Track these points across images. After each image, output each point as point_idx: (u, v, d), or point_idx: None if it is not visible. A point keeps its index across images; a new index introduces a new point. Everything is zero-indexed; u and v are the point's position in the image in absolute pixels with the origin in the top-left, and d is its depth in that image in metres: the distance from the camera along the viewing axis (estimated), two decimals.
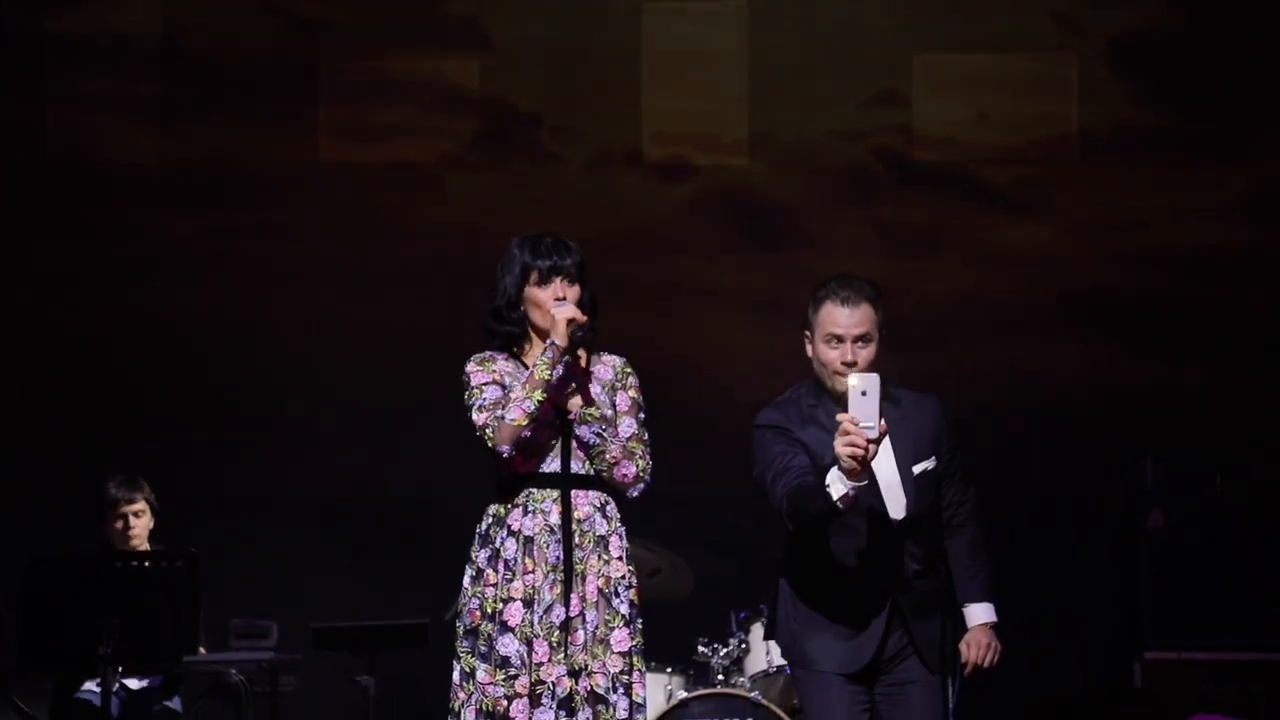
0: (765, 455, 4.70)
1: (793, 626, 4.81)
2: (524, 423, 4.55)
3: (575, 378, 4.64)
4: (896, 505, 4.70)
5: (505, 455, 4.58)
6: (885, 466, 4.68)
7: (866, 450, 4.31)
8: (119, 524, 6.60)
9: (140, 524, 6.63)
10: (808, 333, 4.75)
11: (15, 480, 7.93)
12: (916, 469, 4.73)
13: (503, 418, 4.55)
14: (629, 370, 4.76)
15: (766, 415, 4.76)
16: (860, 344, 4.68)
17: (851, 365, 4.66)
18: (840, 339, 4.69)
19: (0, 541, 6.81)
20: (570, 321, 4.58)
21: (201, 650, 6.38)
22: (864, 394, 4.32)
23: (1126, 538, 7.46)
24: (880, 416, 4.33)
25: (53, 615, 5.80)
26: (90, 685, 6.44)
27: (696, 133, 8.37)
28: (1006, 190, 8.34)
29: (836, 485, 4.38)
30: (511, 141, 8.38)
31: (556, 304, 4.63)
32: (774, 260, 8.16)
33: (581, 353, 4.70)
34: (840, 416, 4.34)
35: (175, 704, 6.64)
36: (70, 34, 8.30)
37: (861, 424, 4.31)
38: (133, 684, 6.53)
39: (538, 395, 4.56)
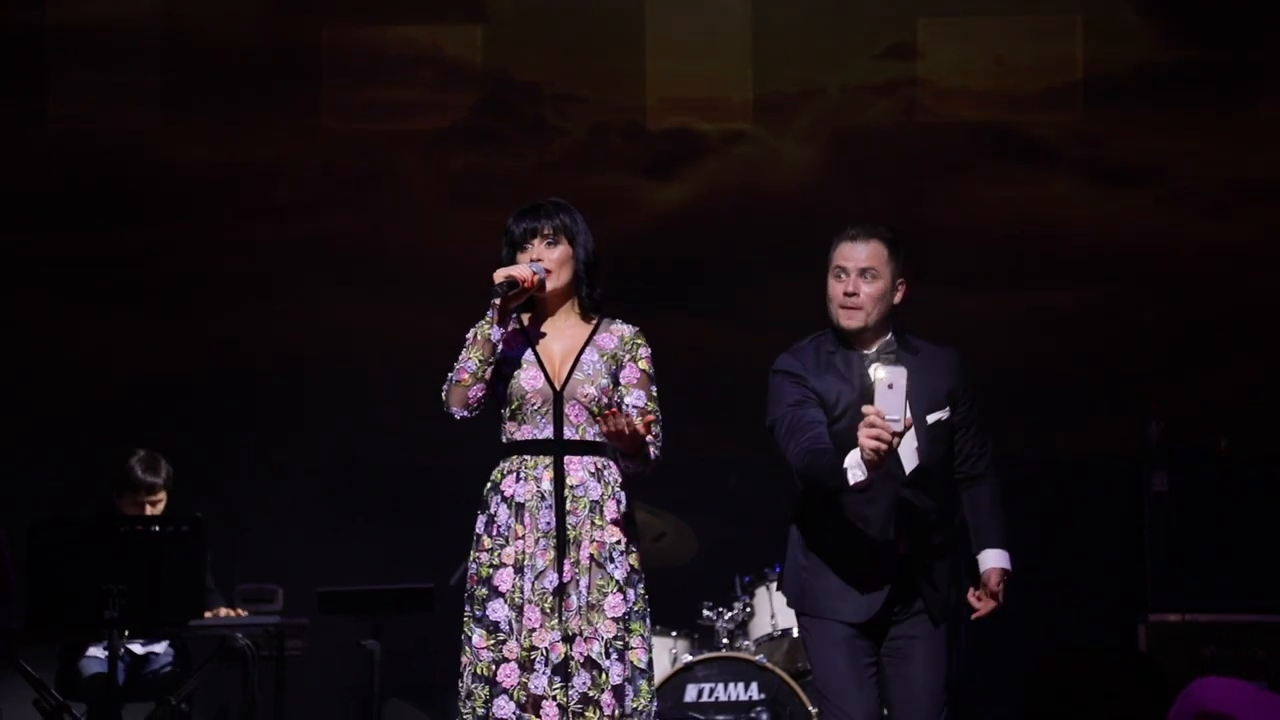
0: (779, 404, 4.72)
1: (802, 575, 4.82)
2: (468, 382, 4.58)
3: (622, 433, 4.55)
4: (910, 455, 4.72)
5: (457, 418, 4.61)
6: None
7: (890, 444, 4.32)
8: (133, 509, 6.59)
9: (155, 510, 6.63)
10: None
11: (24, 446, 7.95)
12: (930, 419, 4.74)
13: (451, 380, 4.58)
14: (639, 341, 4.73)
15: (783, 361, 4.79)
16: (865, 278, 4.69)
17: (852, 296, 4.67)
18: (845, 271, 4.72)
19: (8, 505, 6.82)
20: (506, 279, 4.57)
21: (230, 611, 6.39)
22: (890, 387, 4.31)
23: (1131, 500, 7.45)
24: (906, 411, 4.32)
25: (58, 579, 5.82)
26: (94, 650, 6.46)
27: (701, 97, 8.31)
28: (1028, 138, 8.28)
29: (854, 471, 4.40)
30: (512, 111, 8.33)
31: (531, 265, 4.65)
32: (785, 226, 8.10)
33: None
34: (865, 409, 4.34)
35: (181, 668, 6.66)
36: (70, 23, 8.28)
37: (888, 417, 4.31)
38: (138, 648, 6.55)
39: (477, 354, 4.59)
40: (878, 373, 4.36)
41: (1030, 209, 8.23)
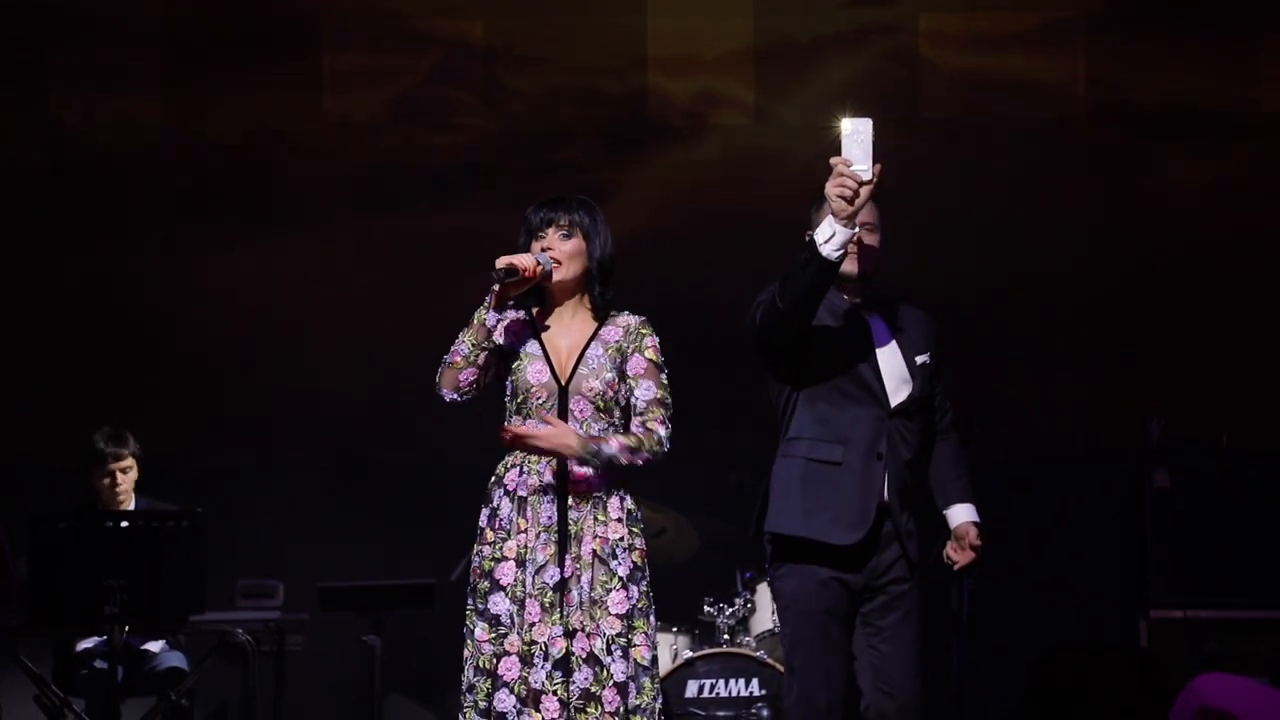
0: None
1: (785, 502, 4.79)
2: (459, 365, 4.60)
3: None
4: (900, 388, 4.77)
5: (447, 400, 4.63)
6: (891, 353, 4.77)
7: (857, 192, 4.33)
8: (106, 480, 6.63)
9: (127, 479, 6.67)
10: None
11: (23, 441, 7.94)
12: (918, 359, 4.82)
13: (444, 361, 4.60)
14: (645, 330, 4.72)
15: (765, 290, 4.75)
16: (864, 230, 4.68)
17: (858, 244, 4.67)
18: None
19: (8, 503, 6.83)
20: (506, 266, 4.56)
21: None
22: (857, 137, 4.30)
23: (1132, 497, 7.45)
24: (874, 161, 4.32)
25: (58, 575, 5.83)
26: (89, 643, 6.46)
27: (695, 54, 8.22)
28: (1022, 85, 8.19)
29: (823, 229, 4.40)
30: (504, 80, 8.28)
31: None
32: (785, 209, 8.01)
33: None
34: (833, 160, 4.34)
35: (181, 663, 6.66)
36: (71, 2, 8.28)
37: (854, 166, 4.32)
38: (138, 643, 6.55)
39: (470, 338, 4.60)
40: (843, 124, 4.34)
41: (1036, 173, 8.17)
